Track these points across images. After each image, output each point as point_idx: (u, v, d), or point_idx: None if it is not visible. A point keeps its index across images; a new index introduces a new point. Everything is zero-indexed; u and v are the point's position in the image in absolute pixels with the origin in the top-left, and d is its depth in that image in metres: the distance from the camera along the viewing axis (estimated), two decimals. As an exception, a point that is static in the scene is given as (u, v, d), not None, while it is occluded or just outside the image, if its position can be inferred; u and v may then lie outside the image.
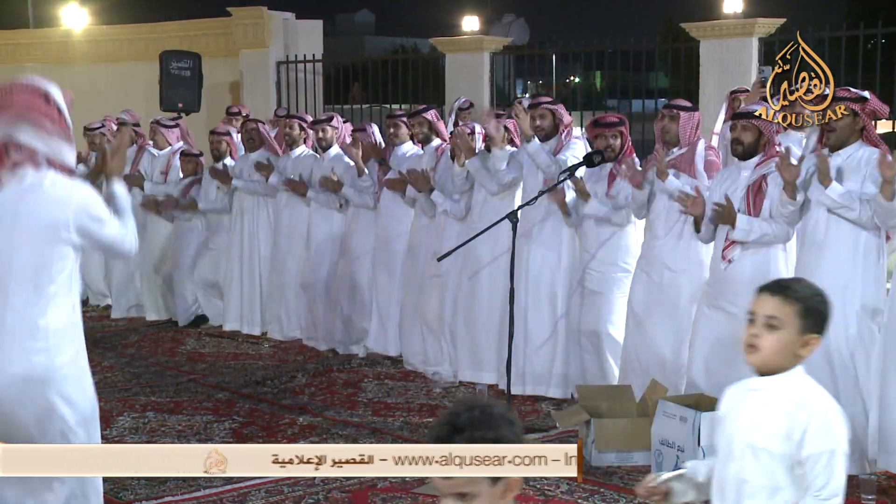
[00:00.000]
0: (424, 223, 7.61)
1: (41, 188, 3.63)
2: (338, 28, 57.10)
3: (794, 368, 2.88)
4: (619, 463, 5.46)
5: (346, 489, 5.18)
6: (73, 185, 3.69)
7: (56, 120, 3.66)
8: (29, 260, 3.64)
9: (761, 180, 5.62)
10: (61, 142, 3.68)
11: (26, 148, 3.61)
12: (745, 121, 5.67)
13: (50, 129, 3.64)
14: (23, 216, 3.63)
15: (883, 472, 5.25)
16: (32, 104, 3.61)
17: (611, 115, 6.82)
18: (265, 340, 8.72)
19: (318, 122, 8.42)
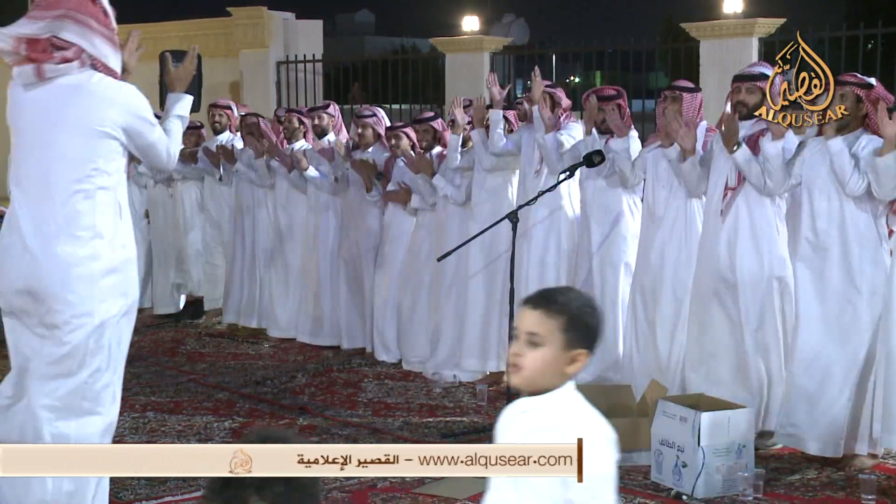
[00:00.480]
0: (426, 222, 7.61)
1: (88, 85, 3.68)
2: (338, 28, 57.09)
3: (563, 386, 2.63)
4: (620, 463, 5.44)
5: (346, 489, 5.17)
6: (120, 85, 3.78)
7: (101, 21, 3.73)
8: (74, 154, 3.68)
9: (759, 134, 5.66)
10: (105, 43, 3.74)
11: (71, 46, 3.65)
12: (749, 83, 5.68)
13: (95, 28, 3.70)
14: (69, 111, 3.67)
15: (884, 473, 5.26)
16: (80, 4, 3.66)
17: (608, 87, 6.80)
18: (265, 340, 8.71)
19: (315, 110, 8.43)
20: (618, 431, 5.54)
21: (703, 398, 5.39)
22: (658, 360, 6.25)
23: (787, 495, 5.08)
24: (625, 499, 5.07)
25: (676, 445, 5.04)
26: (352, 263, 8.18)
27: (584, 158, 6.35)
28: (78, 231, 3.72)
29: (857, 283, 5.34)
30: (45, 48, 3.65)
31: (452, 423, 6.36)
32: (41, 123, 3.70)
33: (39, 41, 3.65)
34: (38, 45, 3.66)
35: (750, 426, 5.18)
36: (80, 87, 3.70)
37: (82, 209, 3.72)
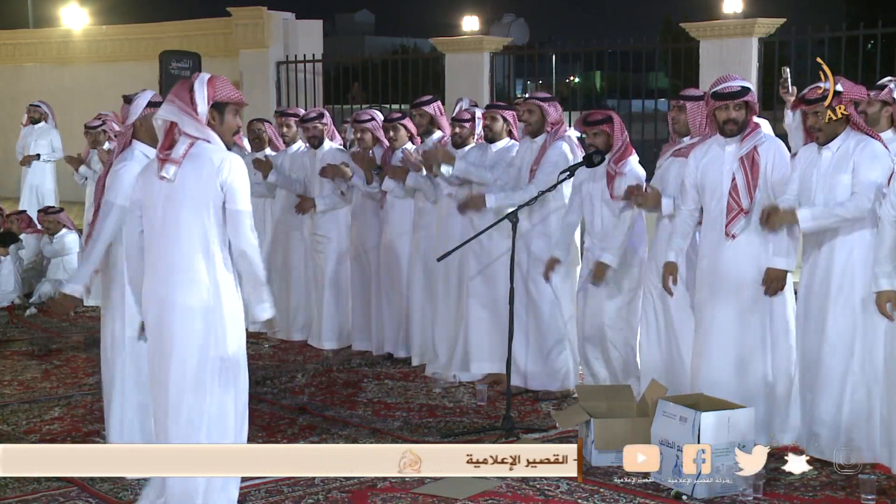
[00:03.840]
0: (427, 221, 7.61)
1: (193, 157, 4.45)
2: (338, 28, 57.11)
3: None
4: (619, 463, 5.45)
5: (346, 489, 5.17)
6: (220, 155, 4.48)
7: (187, 103, 4.46)
8: (186, 219, 4.48)
9: (753, 153, 5.66)
10: (194, 123, 4.46)
11: (174, 125, 4.48)
12: (737, 100, 5.68)
13: (184, 110, 4.46)
14: (184, 179, 4.45)
15: (884, 473, 5.26)
16: (180, 92, 4.49)
17: (598, 112, 6.72)
18: (265, 340, 8.71)
19: (308, 120, 8.39)
20: (618, 431, 5.60)
21: (703, 398, 5.39)
22: (666, 361, 6.25)
23: (787, 495, 5.08)
24: (625, 499, 5.07)
25: (676, 445, 5.04)
26: (357, 263, 8.18)
27: (584, 158, 6.35)
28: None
29: (855, 285, 5.34)
30: (170, 137, 4.52)
31: (452, 423, 6.36)
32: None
33: (170, 137, 4.51)
34: (168, 139, 4.52)
35: (750, 426, 5.18)
36: (191, 157, 4.49)
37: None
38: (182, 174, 4.42)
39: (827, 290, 5.41)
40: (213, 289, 4.44)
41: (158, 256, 4.49)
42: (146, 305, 4.55)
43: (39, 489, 5.13)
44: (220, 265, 4.46)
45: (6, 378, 7.51)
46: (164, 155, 4.46)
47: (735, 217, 5.68)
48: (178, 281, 4.43)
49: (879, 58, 10.57)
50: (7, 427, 6.29)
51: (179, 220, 4.44)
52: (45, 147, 12.86)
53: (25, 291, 10.36)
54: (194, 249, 4.43)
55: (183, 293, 4.43)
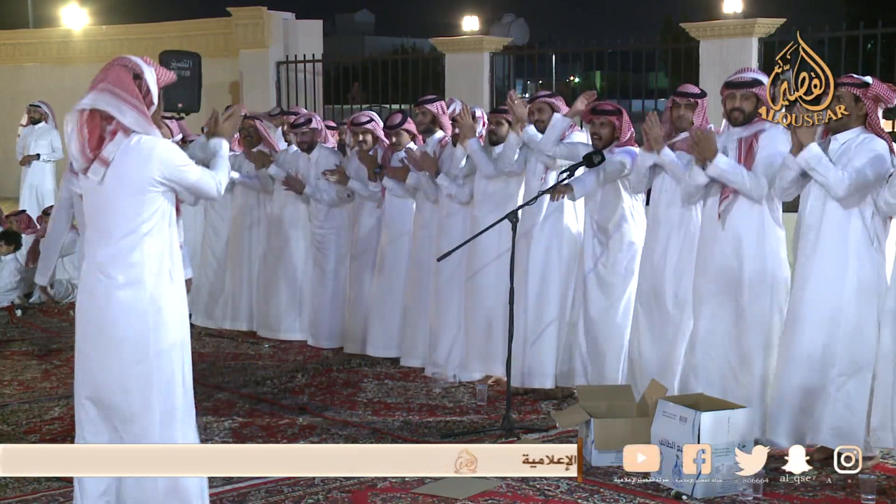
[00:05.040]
0: (427, 220, 7.61)
1: (128, 149, 4.19)
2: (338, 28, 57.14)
3: None
4: (619, 463, 5.44)
5: (346, 489, 5.17)
6: (153, 142, 4.23)
7: (136, 96, 4.20)
8: (127, 210, 4.24)
9: (753, 138, 5.68)
10: (139, 117, 4.19)
11: (112, 117, 4.17)
12: (745, 90, 5.71)
13: (128, 101, 4.18)
14: (120, 177, 4.21)
15: (884, 473, 5.26)
16: (119, 79, 4.21)
17: (609, 103, 6.80)
18: (265, 340, 8.71)
19: (297, 126, 8.39)
20: (618, 431, 5.60)
21: (703, 398, 5.39)
22: (661, 363, 6.25)
23: (787, 495, 5.08)
24: (625, 499, 5.07)
25: (676, 445, 5.04)
26: (357, 263, 8.18)
27: (584, 158, 6.35)
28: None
29: (850, 282, 5.35)
30: (96, 127, 4.21)
31: (452, 423, 6.36)
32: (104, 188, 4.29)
33: (95, 130, 4.20)
34: (94, 130, 4.20)
35: (750, 426, 5.18)
36: (125, 150, 4.21)
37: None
38: (115, 174, 4.20)
39: (826, 281, 5.40)
40: (151, 288, 4.25)
41: (93, 250, 4.32)
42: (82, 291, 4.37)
43: (39, 489, 5.13)
44: (157, 261, 4.28)
45: (6, 378, 7.52)
46: (93, 153, 4.19)
47: (724, 198, 5.71)
48: (116, 279, 4.24)
49: (879, 58, 10.58)
50: (7, 427, 6.29)
51: (112, 219, 4.25)
52: (45, 147, 12.88)
53: (25, 291, 10.37)
54: (128, 247, 4.24)
55: (122, 291, 4.23)
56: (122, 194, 4.22)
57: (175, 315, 4.35)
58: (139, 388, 4.26)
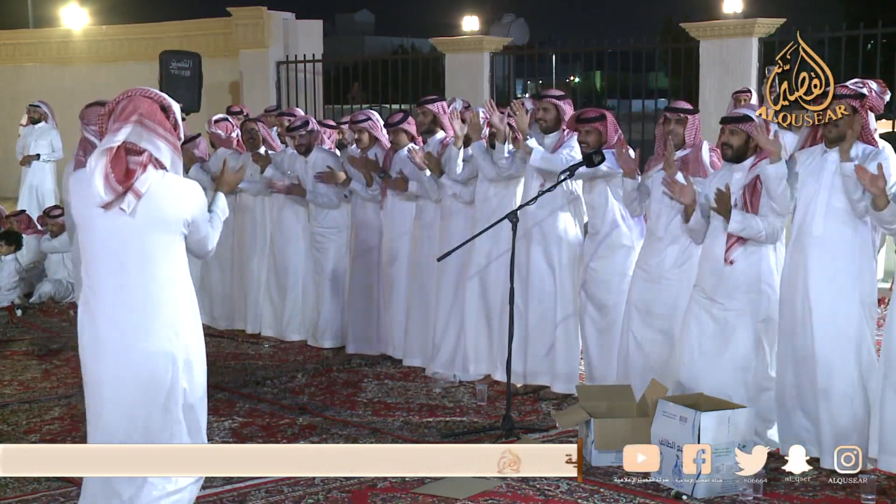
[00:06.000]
0: (428, 221, 7.61)
1: (163, 184, 4.01)
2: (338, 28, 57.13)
3: None
4: (619, 463, 5.45)
5: (346, 489, 5.18)
6: (189, 181, 4.14)
7: (168, 129, 4.06)
8: (159, 247, 4.04)
9: (756, 180, 5.65)
10: (174, 153, 4.07)
11: (143, 151, 3.99)
12: (732, 125, 5.70)
13: (161, 135, 4.03)
14: (154, 212, 4.01)
15: (883, 473, 5.26)
16: (150, 112, 4.03)
17: (592, 110, 6.77)
18: (265, 340, 8.71)
19: (294, 129, 8.38)
20: (618, 431, 5.60)
21: (703, 398, 5.39)
22: (655, 366, 6.25)
23: (787, 495, 5.08)
24: (625, 499, 5.07)
25: (676, 445, 5.04)
26: (358, 263, 8.18)
27: (584, 158, 6.35)
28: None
29: (849, 287, 5.34)
30: (121, 160, 3.98)
31: (452, 423, 6.36)
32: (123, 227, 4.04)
33: (120, 163, 3.97)
34: (119, 164, 3.97)
35: (750, 426, 5.18)
36: (156, 186, 4.01)
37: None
38: (149, 209, 3.99)
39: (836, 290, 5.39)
40: (177, 331, 4.06)
41: (105, 294, 4.05)
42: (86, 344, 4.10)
43: (39, 489, 5.14)
44: (183, 303, 4.11)
45: (6, 378, 7.52)
46: (124, 186, 3.95)
47: (733, 244, 5.68)
48: (136, 324, 4.01)
49: (879, 58, 10.58)
50: (7, 427, 6.29)
51: (138, 257, 4.02)
52: (45, 147, 12.88)
53: (25, 291, 10.37)
54: (159, 288, 4.05)
55: (142, 338, 4.02)
56: (156, 230, 4.01)
57: (202, 362, 4.18)
58: (163, 435, 4.09)
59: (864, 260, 5.36)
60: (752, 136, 5.64)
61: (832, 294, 5.38)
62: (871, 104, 5.34)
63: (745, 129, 5.65)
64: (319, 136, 8.42)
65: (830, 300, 5.37)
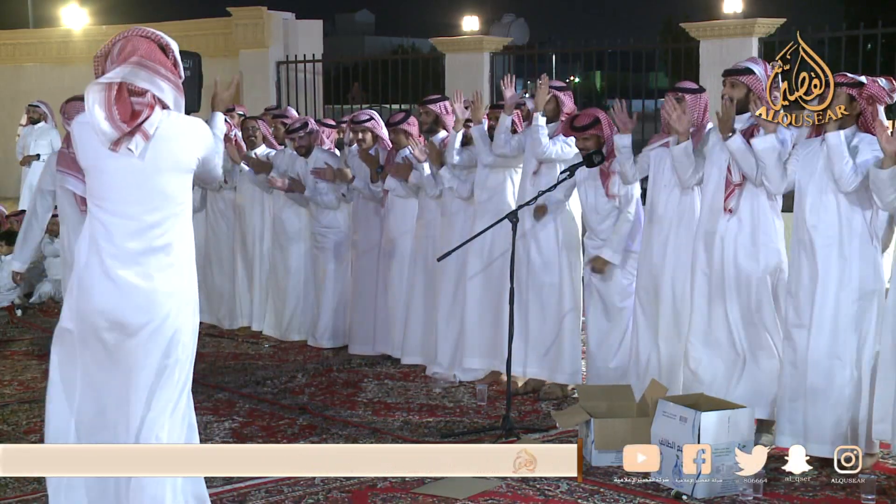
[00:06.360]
0: (428, 219, 7.60)
1: (170, 124, 3.96)
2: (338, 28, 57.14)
3: None
4: (619, 463, 5.45)
5: (346, 489, 5.17)
6: (194, 119, 4.10)
7: (169, 69, 3.99)
8: (168, 189, 3.99)
9: (753, 129, 5.68)
10: (177, 93, 4.01)
11: (145, 91, 3.92)
12: (733, 78, 5.73)
13: (163, 74, 3.96)
14: (163, 153, 3.95)
15: (884, 473, 5.26)
16: (150, 52, 3.95)
17: (585, 115, 6.69)
18: (265, 340, 8.71)
19: (293, 131, 8.38)
20: (618, 431, 5.60)
21: (703, 398, 5.39)
22: (660, 360, 6.25)
23: (787, 495, 5.08)
24: (625, 499, 5.07)
25: (676, 445, 5.04)
26: (358, 263, 8.18)
27: (584, 158, 6.36)
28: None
29: (851, 281, 5.35)
30: (125, 101, 3.90)
31: (452, 423, 6.36)
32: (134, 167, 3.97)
33: (124, 102, 3.89)
34: (123, 105, 3.89)
35: (750, 426, 5.18)
36: (163, 128, 3.95)
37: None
38: (157, 150, 3.94)
39: (826, 280, 5.40)
40: (188, 272, 4.08)
41: (118, 234, 3.98)
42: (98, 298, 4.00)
43: (39, 489, 5.12)
44: (191, 244, 4.10)
45: (6, 378, 7.52)
46: (131, 126, 3.89)
47: (731, 192, 5.72)
48: (151, 264, 3.97)
49: (879, 58, 10.58)
50: (7, 427, 6.29)
51: (149, 199, 3.97)
52: (45, 147, 12.87)
53: (25, 291, 10.37)
54: (166, 229, 4.00)
55: (160, 281, 3.98)
56: (166, 172, 3.96)
57: (196, 307, 4.16)
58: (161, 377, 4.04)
59: (865, 248, 5.35)
60: (752, 89, 5.65)
61: (828, 288, 5.38)
62: (870, 93, 5.33)
63: (746, 82, 5.67)
64: (319, 136, 8.43)
65: (832, 290, 5.37)
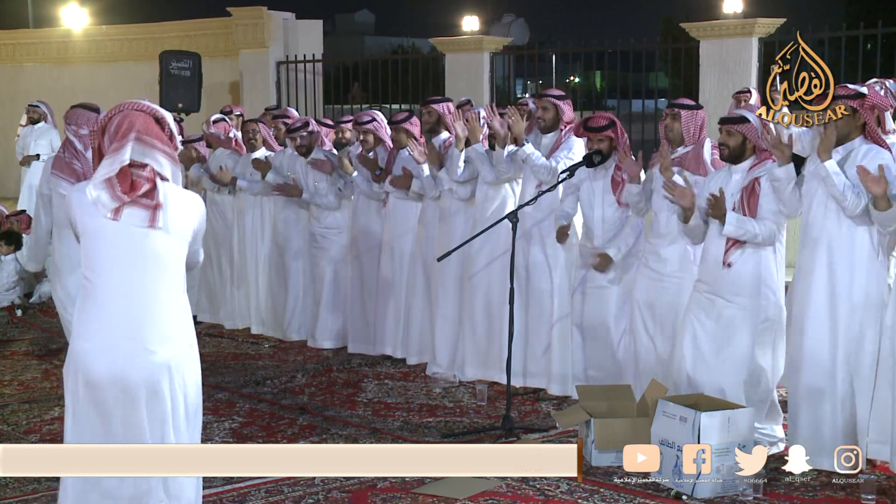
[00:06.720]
0: (429, 220, 7.60)
1: (173, 196, 3.97)
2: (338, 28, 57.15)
3: None
4: (619, 463, 5.45)
5: (346, 489, 5.17)
6: (193, 196, 4.10)
7: (165, 142, 3.98)
8: (171, 259, 4.02)
9: (754, 182, 5.64)
10: (174, 166, 4.02)
11: (145, 165, 3.92)
12: (729, 126, 5.69)
13: (159, 148, 3.96)
14: (168, 224, 3.95)
15: (884, 473, 5.26)
16: (146, 127, 3.96)
17: (601, 116, 6.67)
18: (265, 340, 8.72)
19: (294, 131, 8.38)
20: (618, 431, 5.60)
21: (703, 398, 5.39)
22: (659, 363, 6.25)
23: (787, 495, 5.09)
24: (625, 499, 5.07)
25: (676, 445, 5.04)
26: (357, 263, 8.18)
27: (584, 158, 6.35)
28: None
29: (853, 292, 5.33)
30: (126, 174, 3.90)
31: (452, 423, 6.36)
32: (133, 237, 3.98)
33: (125, 176, 3.89)
34: (124, 178, 3.89)
35: (750, 426, 5.18)
36: (165, 201, 3.95)
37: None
38: (164, 221, 3.95)
39: (830, 293, 5.39)
40: (184, 338, 4.15)
41: (116, 299, 4.05)
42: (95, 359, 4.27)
43: (39, 489, 5.13)
44: (187, 312, 4.15)
45: (6, 378, 7.52)
46: (131, 197, 3.90)
47: (731, 247, 5.68)
48: (147, 330, 4.04)
49: (879, 58, 10.58)
50: (7, 427, 6.29)
51: (152, 269, 4.00)
52: (44, 147, 12.86)
53: (25, 291, 10.37)
54: (169, 302, 4.07)
55: (153, 343, 4.07)
56: (165, 239, 3.96)
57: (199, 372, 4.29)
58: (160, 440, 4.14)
59: (867, 261, 5.33)
60: (748, 137, 5.64)
61: (831, 295, 5.37)
62: (871, 103, 5.31)
63: (741, 131, 5.65)
64: (320, 137, 8.43)
65: (829, 301, 5.36)
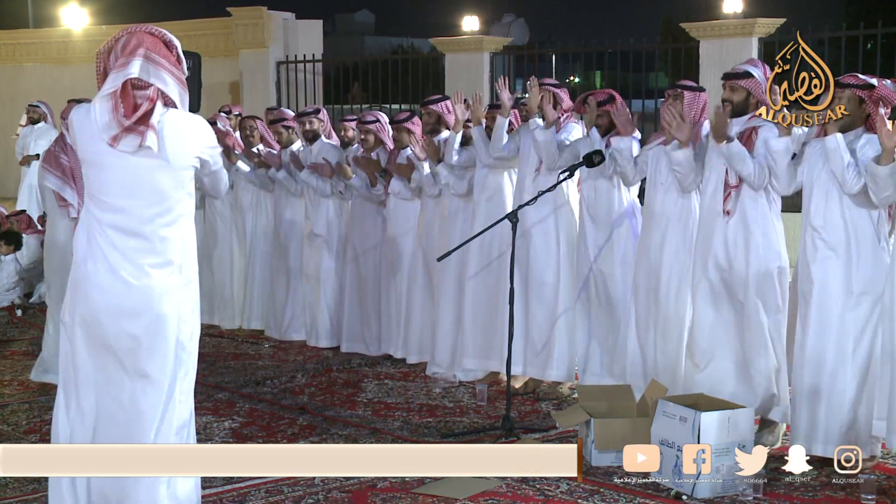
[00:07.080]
0: (429, 219, 7.60)
1: (171, 120, 3.98)
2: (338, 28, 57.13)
3: None
4: (619, 463, 5.45)
5: (346, 489, 5.17)
6: (195, 116, 4.12)
7: (173, 63, 4.00)
8: (166, 185, 3.99)
9: (751, 131, 5.69)
10: (182, 89, 4.03)
11: (149, 85, 3.93)
12: (733, 81, 5.75)
13: (167, 68, 3.97)
14: (162, 149, 3.95)
15: (884, 473, 5.26)
16: (155, 46, 3.96)
17: (600, 92, 6.78)
18: (265, 340, 8.72)
19: (305, 115, 8.40)
20: (618, 431, 5.60)
21: (703, 398, 5.39)
22: (658, 359, 6.25)
23: (787, 495, 5.08)
24: (625, 499, 5.07)
25: (676, 445, 5.04)
26: (355, 264, 8.18)
27: (584, 158, 6.36)
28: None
29: (856, 282, 5.34)
30: (128, 95, 3.91)
31: (452, 423, 6.36)
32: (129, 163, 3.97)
33: (128, 98, 3.90)
34: (128, 99, 3.89)
35: (750, 426, 5.18)
36: (163, 124, 3.97)
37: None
38: (161, 144, 3.94)
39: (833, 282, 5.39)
40: (185, 269, 4.10)
41: (115, 229, 4.00)
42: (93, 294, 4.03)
43: (39, 489, 5.13)
44: (191, 244, 4.12)
45: (6, 378, 7.52)
46: (131, 120, 3.90)
47: (729, 195, 5.73)
48: (147, 261, 4.00)
49: (879, 58, 10.59)
50: (7, 427, 6.29)
51: (146, 195, 3.98)
52: (44, 147, 12.84)
53: (25, 291, 10.37)
54: (164, 226, 4.03)
55: (156, 279, 4.01)
56: (165, 169, 3.95)
57: (196, 307, 4.22)
58: (162, 373, 4.12)
59: (872, 250, 5.34)
60: (752, 93, 5.65)
61: (827, 287, 5.37)
62: (880, 95, 5.31)
63: (746, 86, 5.68)
64: (328, 127, 8.44)
65: (838, 292, 5.36)
